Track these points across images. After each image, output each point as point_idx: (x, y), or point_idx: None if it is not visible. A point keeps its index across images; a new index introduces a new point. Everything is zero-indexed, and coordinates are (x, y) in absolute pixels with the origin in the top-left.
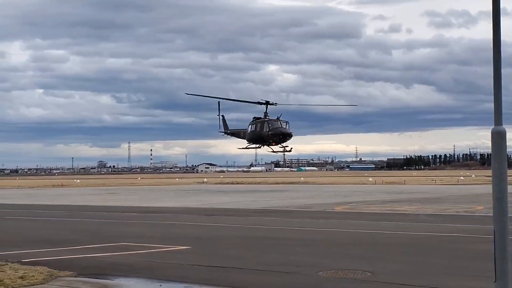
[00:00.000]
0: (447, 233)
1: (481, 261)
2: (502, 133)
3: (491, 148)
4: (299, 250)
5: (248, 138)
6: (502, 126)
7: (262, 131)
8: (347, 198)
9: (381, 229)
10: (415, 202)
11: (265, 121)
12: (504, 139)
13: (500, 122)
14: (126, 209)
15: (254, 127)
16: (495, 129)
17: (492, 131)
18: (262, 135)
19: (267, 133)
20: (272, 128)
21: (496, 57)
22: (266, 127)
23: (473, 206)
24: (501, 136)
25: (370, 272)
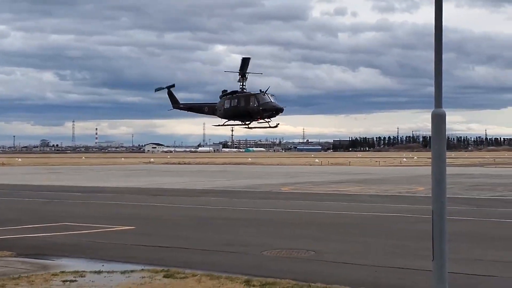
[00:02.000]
0: (389, 213)
1: (421, 240)
2: (442, 115)
3: (431, 130)
4: (245, 230)
5: (226, 115)
6: (442, 109)
7: (248, 106)
8: (294, 179)
9: (326, 209)
10: (359, 183)
11: (251, 95)
12: (444, 122)
13: (440, 105)
14: (70, 189)
15: (235, 102)
16: (435, 112)
17: (432, 113)
18: (249, 111)
19: (258, 108)
20: (262, 103)
21: (437, 41)
22: (253, 101)
23: (415, 187)
24: (441, 119)
25: (314, 251)
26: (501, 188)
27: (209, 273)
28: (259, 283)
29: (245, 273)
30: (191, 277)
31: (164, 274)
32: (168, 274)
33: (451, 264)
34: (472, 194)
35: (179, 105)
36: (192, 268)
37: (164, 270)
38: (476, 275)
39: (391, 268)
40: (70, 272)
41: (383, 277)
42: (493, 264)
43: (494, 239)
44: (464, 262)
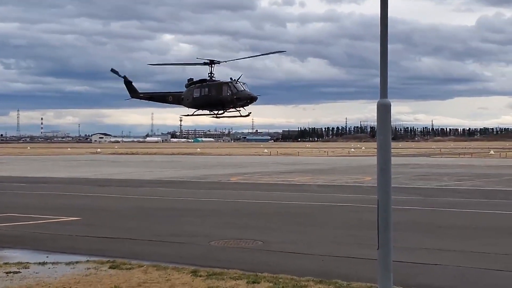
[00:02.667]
0: (336, 203)
1: (368, 229)
2: (387, 106)
3: (376, 120)
4: (193, 220)
5: (196, 104)
6: (388, 99)
7: (221, 95)
8: (243, 169)
9: (275, 199)
10: (308, 173)
11: (223, 83)
12: (389, 112)
13: (385, 96)
14: (14, 179)
15: (206, 91)
16: (381, 102)
17: (378, 104)
18: (222, 100)
19: (231, 97)
20: (237, 91)
21: (383, 32)
22: (226, 90)
23: (362, 177)
24: (386, 109)
25: (262, 241)
26: (446, 178)
27: (156, 263)
28: (206, 274)
29: (192, 263)
30: (137, 268)
31: (110, 265)
32: (114, 265)
33: (396, 253)
34: (418, 184)
35: (138, 94)
36: (138, 259)
37: (110, 261)
38: (421, 263)
39: (337, 257)
40: (13, 263)
41: (329, 266)
42: (438, 252)
43: (439, 228)
44: (409, 251)
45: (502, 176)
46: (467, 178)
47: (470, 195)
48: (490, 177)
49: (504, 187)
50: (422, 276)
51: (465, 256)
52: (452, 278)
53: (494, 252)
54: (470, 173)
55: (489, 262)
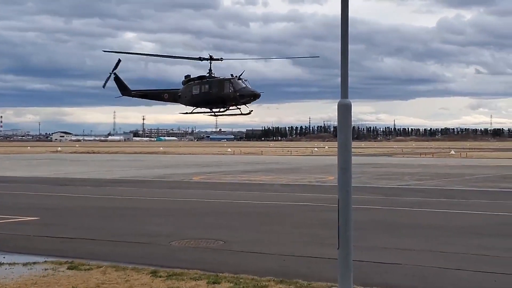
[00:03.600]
0: (299, 202)
1: (329, 229)
2: (348, 106)
3: (337, 120)
4: (154, 220)
5: (195, 101)
6: (348, 99)
7: (222, 92)
8: (206, 168)
9: (237, 198)
10: (271, 172)
11: (225, 80)
12: (350, 112)
13: (346, 96)
14: None
15: (206, 88)
16: (341, 102)
17: (339, 104)
18: (224, 97)
19: (234, 94)
20: (239, 88)
21: (343, 33)
22: (228, 87)
23: (325, 176)
24: (347, 109)
25: (223, 241)
26: (408, 177)
27: (115, 264)
28: (166, 274)
29: (153, 264)
30: (96, 268)
31: (68, 265)
32: (72, 265)
33: (358, 252)
34: (381, 183)
35: (129, 92)
36: (97, 259)
37: (68, 261)
38: (381, 263)
39: (299, 256)
40: None
41: (290, 266)
42: (398, 252)
43: (400, 227)
44: (370, 250)
45: (462, 175)
46: (428, 177)
47: (431, 195)
48: (451, 177)
49: (464, 186)
50: (382, 275)
51: (425, 255)
52: (411, 277)
53: (453, 251)
54: (431, 173)
55: (448, 261)
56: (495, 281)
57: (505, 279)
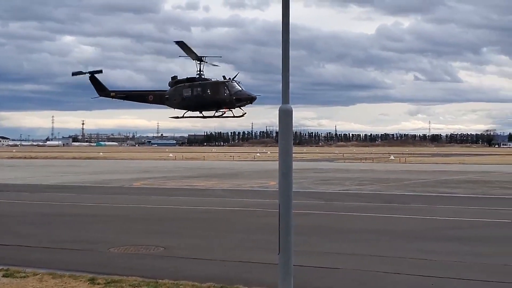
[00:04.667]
0: (241, 207)
1: (270, 234)
2: (289, 111)
3: (278, 126)
4: (93, 226)
5: (186, 104)
6: (289, 105)
7: (217, 95)
8: (147, 174)
9: (178, 204)
10: (213, 178)
11: (220, 82)
12: (291, 117)
13: (287, 101)
14: None
15: (199, 91)
16: (282, 108)
17: (280, 109)
18: (219, 100)
19: (230, 97)
20: (235, 91)
21: (284, 39)
22: (223, 90)
23: (267, 181)
24: (288, 114)
25: (164, 247)
26: (348, 182)
27: (52, 271)
28: (104, 281)
29: (91, 271)
30: (32, 276)
31: (3, 273)
32: (7, 273)
33: (299, 257)
34: (322, 188)
35: (108, 92)
36: (33, 266)
37: (3, 269)
38: (321, 267)
39: (240, 262)
40: None
41: (232, 271)
42: (339, 256)
43: (341, 232)
44: (310, 255)
45: (401, 180)
46: (368, 182)
47: (371, 199)
48: (390, 182)
49: (403, 191)
50: (322, 280)
51: (364, 260)
52: (351, 281)
53: (392, 256)
54: (371, 178)
55: (387, 265)
56: (432, 284)
57: (441, 282)
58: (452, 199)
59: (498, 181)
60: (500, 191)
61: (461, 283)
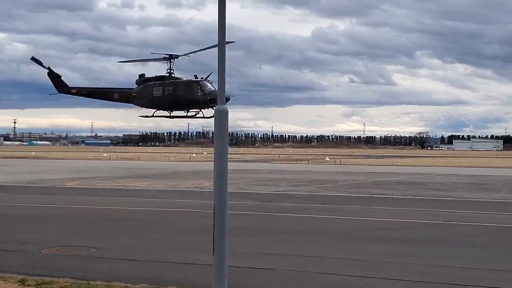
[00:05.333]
0: (176, 208)
1: (205, 235)
2: (225, 112)
3: (214, 126)
4: (24, 227)
5: (155, 104)
6: (225, 105)
7: (190, 95)
8: (80, 174)
9: (112, 204)
10: (148, 178)
11: (192, 82)
12: (226, 118)
13: (223, 102)
14: None
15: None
16: (218, 108)
17: (215, 110)
18: (192, 100)
19: (203, 97)
20: (209, 91)
21: (220, 39)
22: (196, 89)
23: (202, 182)
24: (223, 115)
25: (96, 248)
26: (284, 183)
27: None
28: (35, 283)
29: (21, 272)
30: None
31: None
32: None
33: (233, 258)
34: (257, 189)
35: (68, 89)
36: None
37: None
38: (255, 268)
39: (173, 263)
40: None
41: (165, 273)
42: (273, 257)
43: (275, 233)
44: (245, 255)
45: (336, 182)
46: (303, 183)
47: (306, 200)
48: (325, 183)
49: (338, 192)
50: (256, 280)
51: (298, 260)
52: (285, 282)
53: (326, 256)
54: (306, 179)
55: (321, 265)
56: (364, 285)
57: (374, 282)
58: (385, 200)
59: (430, 182)
60: (432, 193)
61: (394, 284)
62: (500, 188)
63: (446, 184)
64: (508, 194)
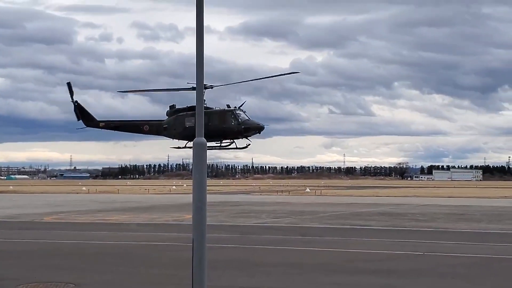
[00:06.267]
0: (156, 242)
1: (184, 268)
2: (203, 144)
3: (192, 159)
4: (1, 263)
5: (188, 134)
6: (203, 138)
7: (225, 125)
8: (58, 208)
9: (91, 239)
10: (127, 211)
11: (227, 111)
12: (205, 150)
13: (201, 134)
14: None
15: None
16: (196, 141)
17: (194, 142)
18: (226, 130)
19: (238, 127)
20: (243, 120)
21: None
22: (230, 119)
23: (182, 215)
24: (202, 148)
25: (74, 283)
26: (265, 215)
27: None
28: None
29: None
30: None
31: None
32: None
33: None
34: (238, 221)
35: (96, 122)
36: None
37: None
38: None
39: None
40: None
41: None
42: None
43: (256, 266)
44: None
45: (316, 213)
46: (284, 215)
47: (286, 232)
48: (306, 214)
49: (318, 224)
50: None
51: None
52: None
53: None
54: (287, 210)
55: None
56: None
57: None
58: (366, 232)
59: (411, 213)
60: (412, 223)
61: None
62: (480, 219)
63: (427, 215)
64: (488, 224)
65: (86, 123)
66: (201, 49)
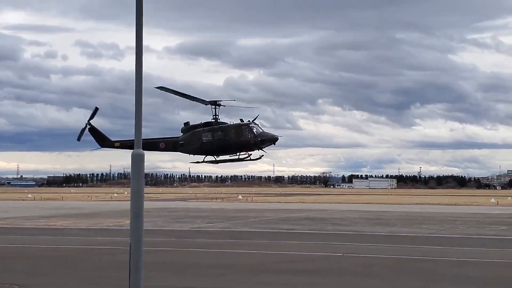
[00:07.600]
0: (96, 246)
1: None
2: (141, 155)
3: (130, 169)
4: None
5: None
6: (141, 149)
7: (241, 138)
8: (4, 214)
9: (35, 243)
10: (70, 217)
11: (242, 125)
12: (143, 161)
13: (139, 146)
14: None
15: (220, 134)
16: (135, 152)
17: (132, 154)
18: (243, 143)
19: (254, 139)
20: (259, 133)
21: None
22: (246, 132)
23: (123, 220)
24: (140, 158)
25: (18, 285)
26: (199, 220)
27: None
28: None
29: None
30: None
31: None
32: None
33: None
34: (174, 227)
35: (111, 142)
36: None
37: None
38: None
39: None
40: None
41: None
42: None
43: (189, 268)
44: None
45: (248, 218)
46: (217, 220)
47: (219, 236)
48: (237, 219)
49: (249, 228)
50: None
51: None
52: None
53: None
54: (220, 216)
55: None
56: None
57: None
58: (292, 235)
59: (332, 218)
60: (333, 227)
61: None
62: (394, 223)
63: (347, 219)
64: (402, 228)
65: (101, 144)
66: (140, 67)
